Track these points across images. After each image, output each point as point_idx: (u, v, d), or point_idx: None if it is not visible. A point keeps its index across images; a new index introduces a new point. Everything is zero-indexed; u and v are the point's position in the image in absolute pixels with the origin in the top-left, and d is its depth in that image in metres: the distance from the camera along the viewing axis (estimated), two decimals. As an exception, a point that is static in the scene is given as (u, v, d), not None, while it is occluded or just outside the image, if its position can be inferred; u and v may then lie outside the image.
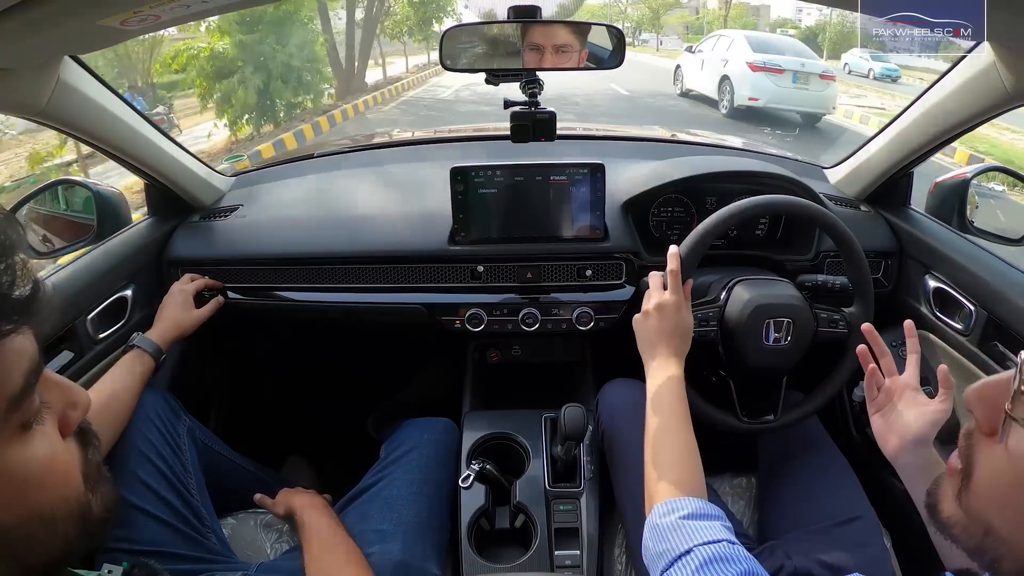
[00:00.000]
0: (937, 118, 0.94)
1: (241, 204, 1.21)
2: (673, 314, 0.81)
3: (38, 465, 0.39)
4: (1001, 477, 0.38)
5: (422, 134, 1.81)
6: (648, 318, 0.82)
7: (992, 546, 0.39)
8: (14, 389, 0.37)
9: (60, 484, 0.41)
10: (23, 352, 0.37)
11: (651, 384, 0.78)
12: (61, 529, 0.40)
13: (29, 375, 0.38)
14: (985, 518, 0.39)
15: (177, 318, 1.01)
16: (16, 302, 0.36)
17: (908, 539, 0.95)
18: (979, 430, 0.41)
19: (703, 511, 0.60)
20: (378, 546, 0.79)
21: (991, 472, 0.39)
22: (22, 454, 0.38)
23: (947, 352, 1.01)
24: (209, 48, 7.02)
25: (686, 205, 1.17)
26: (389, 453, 0.96)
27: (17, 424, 0.38)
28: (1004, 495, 0.38)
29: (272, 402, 1.58)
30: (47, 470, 0.40)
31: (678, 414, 0.72)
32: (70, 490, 0.41)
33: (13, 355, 0.37)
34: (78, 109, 0.85)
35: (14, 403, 0.37)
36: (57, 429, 0.41)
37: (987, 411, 0.40)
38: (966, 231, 1.05)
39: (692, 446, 0.70)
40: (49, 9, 0.53)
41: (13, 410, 0.37)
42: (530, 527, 0.92)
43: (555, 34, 0.90)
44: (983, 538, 0.39)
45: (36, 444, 0.39)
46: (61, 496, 0.41)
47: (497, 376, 1.27)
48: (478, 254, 1.09)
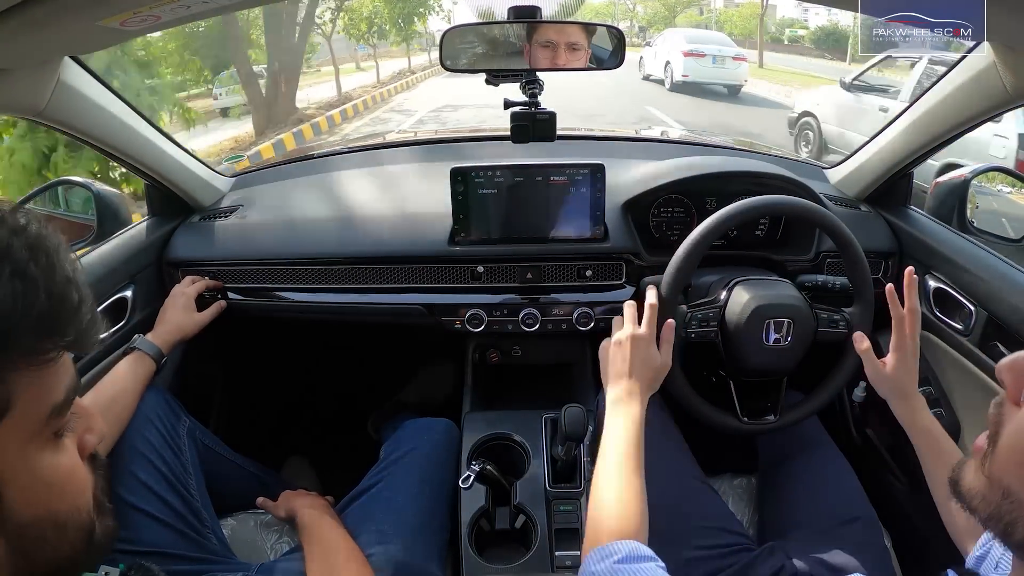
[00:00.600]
0: (937, 118, 0.94)
1: (241, 205, 1.21)
2: (645, 348, 0.79)
3: (63, 472, 0.43)
4: (1021, 438, 0.40)
5: (422, 134, 1.81)
6: (620, 348, 0.80)
7: (1008, 509, 0.40)
8: (57, 400, 0.41)
9: (75, 494, 0.44)
10: (68, 368, 0.42)
11: (609, 420, 0.75)
12: (70, 537, 0.43)
13: (70, 391, 0.42)
14: (1005, 481, 0.41)
15: (178, 321, 1.01)
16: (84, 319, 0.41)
17: (908, 539, 0.95)
18: (1008, 400, 0.43)
19: (636, 553, 0.59)
20: (378, 547, 0.79)
21: (1014, 438, 0.41)
22: (52, 459, 0.42)
23: (947, 352, 1.02)
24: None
25: (686, 205, 1.17)
26: (389, 454, 0.96)
27: (52, 431, 0.42)
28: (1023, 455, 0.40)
29: (272, 403, 1.58)
30: (69, 479, 0.44)
31: (631, 457, 0.69)
32: (83, 502, 0.45)
33: (63, 368, 0.42)
34: (78, 109, 0.85)
35: (55, 411, 0.41)
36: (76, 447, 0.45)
37: (1016, 380, 0.42)
38: (966, 231, 1.05)
39: (638, 489, 0.67)
40: (49, 9, 0.53)
41: (54, 418, 0.41)
42: (530, 527, 0.92)
43: (568, 32, 0.91)
44: (1001, 502, 0.41)
45: (65, 453, 0.43)
46: (75, 505, 0.44)
47: (497, 376, 1.27)
48: (478, 254, 1.09)
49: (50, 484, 0.42)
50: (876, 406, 1.05)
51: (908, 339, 0.79)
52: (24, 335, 0.38)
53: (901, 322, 0.78)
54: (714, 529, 0.83)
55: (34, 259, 0.38)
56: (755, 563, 0.78)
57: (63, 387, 0.41)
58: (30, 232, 0.39)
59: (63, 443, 0.43)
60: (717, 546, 0.81)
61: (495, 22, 0.94)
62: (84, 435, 0.46)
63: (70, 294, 0.40)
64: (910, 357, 0.79)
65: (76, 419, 0.45)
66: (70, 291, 0.40)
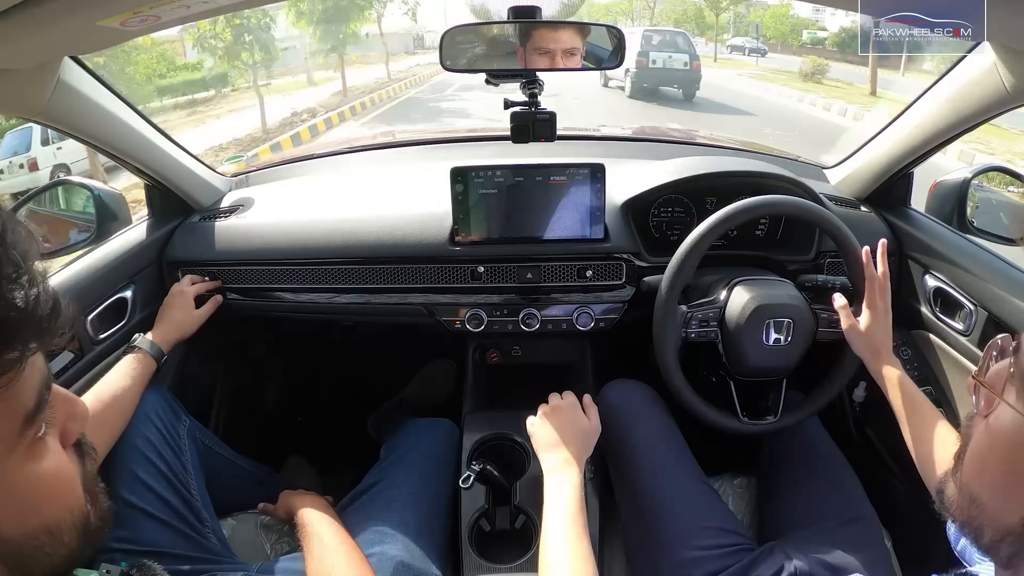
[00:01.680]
0: (937, 118, 0.94)
1: (241, 205, 1.21)
2: (571, 414, 0.85)
3: (49, 478, 0.40)
4: (981, 444, 0.43)
5: (422, 134, 1.81)
6: (544, 421, 0.86)
7: (975, 515, 0.43)
8: (29, 406, 0.37)
9: (65, 496, 0.42)
10: (37, 367, 0.38)
11: (548, 490, 0.78)
12: (66, 539, 0.41)
13: (42, 391, 0.38)
14: (972, 488, 0.43)
15: (178, 320, 1.01)
16: (40, 321, 0.36)
17: (908, 539, 0.95)
18: (979, 414, 0.44)
19: None
20: (379, 547, 0.79)
21: (976, 444, 0.43)
22: (36, 468, 0.39)
23: (947, 352, 1.02)
24: None
25: (686, 205, 1.17)
26: (389, 453, 0.96)
27: (29, 439, 0.38)
28: (982, 460, 0.43)
29: (272, 402, 1.58)
30: (55, 483, 0.41)
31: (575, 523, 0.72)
32: (73, 500, 0.42)
33: (30, 372, 0.37)
34: (78, 109, 0.85)
35: (28, 419, 0.38)
36: (59, 441, 0.42)
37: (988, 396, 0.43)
38: (966, 231, 1.05)
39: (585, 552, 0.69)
40: (49, 9, 0.53)
41: (28, 426, 0.38)
42: (530, 527, 0.92)
43: (563, 38, 0.90)
44: (970, 508, 0.43)
45: (46, 458, 0.40)
46: (66, 507, 0.42)
47: (497, 377, 1.27)
48: (478, 254, 1.09)
49: (37, 494, 0.39)
50: (876, 406, 1.05)
51: (879, 298, 0.86)
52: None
53: (872, 281, 0.86)
54: (714, 529, 0.83)
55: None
56: (755, 563, 0.79)
57: (33, 392, 0.38)
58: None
59: (44, 445, 0.40)
60: (717, 546, 0.81)
61: (495, 22, 0.94)
62: (66, 424, 0.43)
63: (14, 295, 0.35)
64: (882, 315, 0.86)
65: (55, 406, 0.41)
66: (14, 292, 0.35)
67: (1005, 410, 0.40)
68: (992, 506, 0.41)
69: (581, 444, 0.83)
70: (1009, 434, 0.40)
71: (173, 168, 1.11)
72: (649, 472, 0.89)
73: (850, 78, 13.51)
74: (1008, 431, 0.40)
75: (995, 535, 0.41)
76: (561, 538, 0.70)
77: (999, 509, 0.41)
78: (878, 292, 0.86)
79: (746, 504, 1.00)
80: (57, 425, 0.42)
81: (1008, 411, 0.40)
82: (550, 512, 0.74)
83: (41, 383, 0.38)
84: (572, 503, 0.74)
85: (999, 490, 0.41)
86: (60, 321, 0.38)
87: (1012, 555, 0.41)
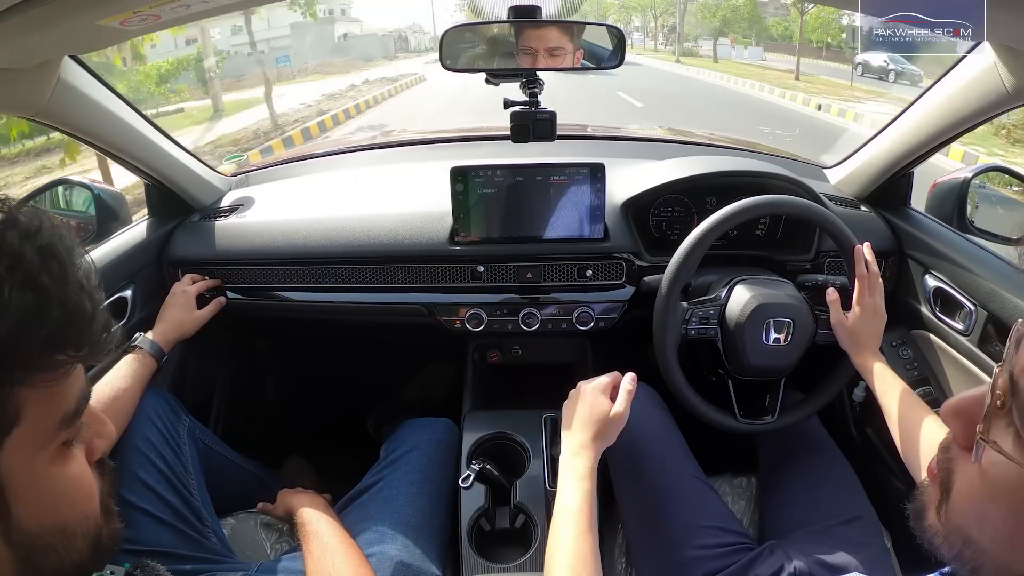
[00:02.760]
0: (937, 118, 0.94)
1: (241, 204, 1.21)
2: (592, 397, 0.79)
3: (72, 482, 0.42)
4: (976, 492, 0.39)
5: (422, 134, 1.82)
6: (570, 402, 0.83)
7: (972, 556, 0.39)
8: (68, 410, 0.40)
9: (83, 502, 0.43)
10: (79, 377, 0.41)
11: (560, 479, 0.75)
12: (78, 544, 0.43)
13: (81, 399, 0.41)
14: (964, 531, 0.39)
15: (179, 319, 1.01)
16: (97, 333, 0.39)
17: (908, 539, 0.94)
18: (956, 444, 0.41)
19: None
20: (378, 546, 0.79)
21: (968, 488, 0.39)
22: (62, 470, 0.41)
23: (947, 352, 1.02)
24: None
25: (686, 205, 1.17)
26: (389, 453, 0.96)
27: (62, 441, 0.41)
28: (981, 510, 0.38)
29: (272, 402, 1.58)
30: (77, 488, 0.43)
31: (581, 524, 0.69)
32: (91, 508, 0.44)
33: (75, 378, 0.40)
34: (78, 109, 0.85)
35: (66, 421, 0.40)
36: (84, 454, 0.44)
37: (963, 427, 0.40)
38: (966, 231, 1.05)
39: (590, 551, 0.67)
40: (49, 9, 0.53)
41: (63, 428, 0.40)
42: (530, 527, 0.92)
43: (547, 37, 0.90)
44: (963, 548, 0.39)
45: (74, 462, 0.42)
46: (83, 513, 0.43)
47: (497, 376, 1.27)
48: (478, 254, 1.09)
49: (58, 494, 0.41)
50: (876, 406, 1.05)
51: (868, 295, 0.87)
52: (36, 349, 0.36)
53: (863, 279, 0.88)
54: (714, 529, 0.83)
55: (46, 267, 0.36)
56: (755, 563, 0.79)
57: (74, 397, 0.40)
58: (42, 236, 0.37)
59: (72, 452, 0.42)
60: (717, 546, 0.81)
61: (495, 21, 0.94)
62: (93, 440, 0.45)
63: (83, 304, 0.38)
64: (870, 312, 0.87)
65: (85, 425, 0.44)
66: (83, 300, 0.38)
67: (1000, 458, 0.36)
68: (995, 552, 0.38)
69: (595, 429, 0.77)
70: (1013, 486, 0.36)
71: (173, 167, 1.11)
72: (649, 471, 0.89)
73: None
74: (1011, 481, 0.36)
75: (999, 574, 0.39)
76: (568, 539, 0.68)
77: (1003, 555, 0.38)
78: (868, 289, 0.87)
79: (746, 504, 1.00)
80: (85, 440, 0.44)
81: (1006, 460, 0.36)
82: (556, 508, 0.72)
83: (82, 392, 0.41)
84: (574, 499, 0.71)
85: (1006, 542, 0.37)
86: (109, 338, 0.41)
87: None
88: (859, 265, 0.88)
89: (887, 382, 0.83)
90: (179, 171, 1.13)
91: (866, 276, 0.87)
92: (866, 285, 0.87)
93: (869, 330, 0.87)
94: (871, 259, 0.88)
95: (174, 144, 1.10)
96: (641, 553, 0.87)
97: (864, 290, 0.88)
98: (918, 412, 0.77)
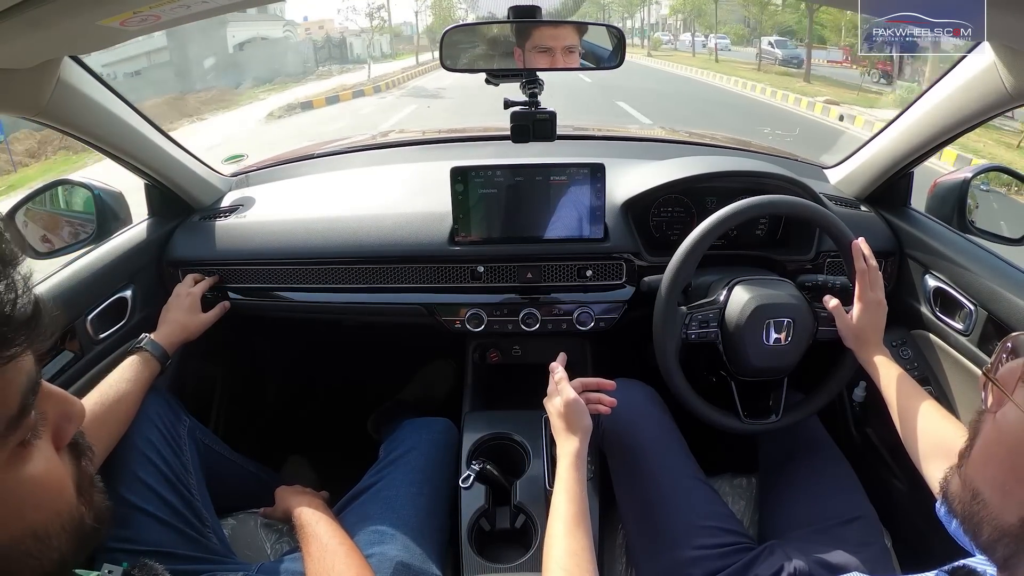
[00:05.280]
0: (937, 118, 0.94)
1: (241, 204, 1.21)
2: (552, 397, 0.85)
3: (35, 483, 0.38)
4: (990, 440, 0.43)
5: (422, 134, 1.81)
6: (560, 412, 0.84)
7: (976, 510, 0.43)
8: (11, 411, 0.36)
9: (54, 499, 0.40)
10: (21, 371, 0.36)
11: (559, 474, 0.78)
12: (55, 544, 0.39)
13: (27, 394, 0.36)
14: (975, 483, 0.44)
15: (183, 321, 1.01)
16: (19, 324, 0.35)
17: (908, 539, 0.95)
18: (988, 411, 0.44)
19: None
20: (378, 547, 0.79)
21: (984, 440, 0.44)
22: (20, 473, 0.37)
23: (947, 352, 1.02)
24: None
25: (686, 205, 1.17)
26: (389, 453, 0.96)
27: (14, 444, 0.37)
28: (987, 454, 0.43)
29: (272, 402, 1.58)
30: (42, 487, 0.39)
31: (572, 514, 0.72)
32: (63, 504, 0.40)
33: (12, 376, 0.35)
34: (78, 109, 0.85)
35: (11, 424, 0.36)
36: (51, 442, 0.40)
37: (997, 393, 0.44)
38: (966, 231, 1.05)
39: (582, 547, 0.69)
40: (49, 9, 0.53)
41: (11, 431, 0.36)
42: (530, 527, 0.92)
43: (563, 35, 0.90)
44: (972, 503, 0.44)
45: (33, 462, 0.38)
46: (54, 511, 0.40)
47: (497, 376, 1.27)
48: (478, 254, 1.08)
49: (21, 500, 0.37)
50: (876, 406, 1.05)
51: (869, 290, 0.87)
52: None
53: (863, 274, 0.87)
54: (714, 529, 0.83)
55: None
56: (755, 563, 0.79)
57: (15, 397, 0.36)
58: None
59: (30, 449, 0.38)
60: (717, 546, 0.81)
61: (494, 21, 0.94)
62: (60, 424, 0.41)
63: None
64: (872, 306, 0.87)
65: (49, 406, 0.40)
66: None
67: (1013, 409, 0.41)
68: (993, 503, 0.42)
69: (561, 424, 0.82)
70: (1016, 433, 0.41)
71: (173, 167, 1.11)
72: (649, 471, 0.89)
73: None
74: (1015, 430, 0.41)
75: (993, 533, 0.42)
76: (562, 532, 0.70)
77: (999, 507, 0.42)
78: (868, 284, 0.87)
79: (746, 504, 1.00)
80: (50, 425, 0.40)
81: (1016, 410, 0.41)
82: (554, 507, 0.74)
83: (26, 388, 0.36)
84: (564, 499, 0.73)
85: (1000, 487, 0.42)
86: (41, 326, 0.36)
87: (1008, 556, 0.41)
88: (858, 261, 0.88)
89: (891, 373, 0.83)
90: (179, 171, 1.13)
91: (866, 271, 0.87)
92: (866, 280, 0.87)
93: (872, 323, 0.87)
94: (868, 253, 0.88)
95: (174, 144, 1.10)
96: (641, 553, 0.87)
97: (865, 286, 0.87)
98: (920, 401, 0.78)
